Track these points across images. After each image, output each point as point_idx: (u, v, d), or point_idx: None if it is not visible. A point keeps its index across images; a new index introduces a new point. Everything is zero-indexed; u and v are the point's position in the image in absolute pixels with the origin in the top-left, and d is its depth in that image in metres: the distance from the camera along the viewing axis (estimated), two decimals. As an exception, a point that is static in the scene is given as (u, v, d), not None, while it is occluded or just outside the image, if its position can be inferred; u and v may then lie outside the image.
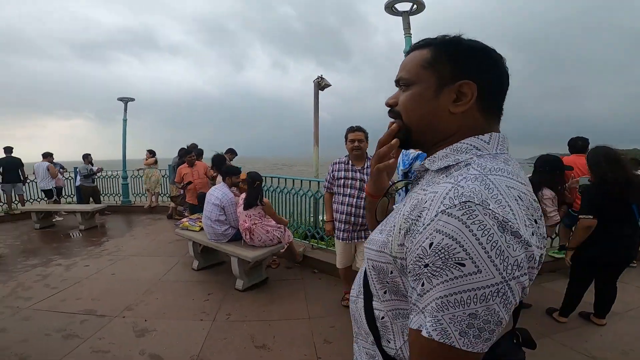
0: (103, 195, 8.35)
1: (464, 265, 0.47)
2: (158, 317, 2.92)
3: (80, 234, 5.80)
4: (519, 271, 0.49)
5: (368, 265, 0.68)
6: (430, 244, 0.50)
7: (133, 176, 8.44)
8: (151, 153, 7.81)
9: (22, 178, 7.14)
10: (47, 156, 7.33)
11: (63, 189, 7.87)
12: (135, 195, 8.45)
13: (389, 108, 0.71)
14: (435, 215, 0.51)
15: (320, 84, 5.93)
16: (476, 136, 0.62)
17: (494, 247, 0.47)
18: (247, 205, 3.44)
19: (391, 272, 0.62)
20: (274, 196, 5.22)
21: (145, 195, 8.12)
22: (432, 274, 0.50)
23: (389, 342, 0.67)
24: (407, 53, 0.71)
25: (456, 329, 0.48)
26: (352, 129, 2.76)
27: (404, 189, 0.92)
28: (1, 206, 7.16)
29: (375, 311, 0.69)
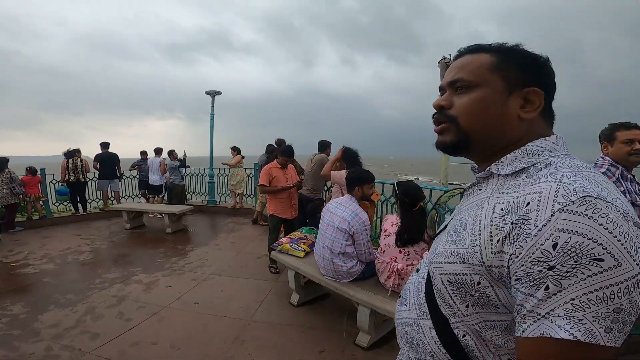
0: (189, 193, 8.09)
1: (602, 260, 0.45)
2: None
3: (166, 238, 5.31)
4: None
5: (441, 280, 0.63)
6: (555, 245, 0.47)
7: (219, 174, 7.98)
8: (236, 150, 7.11)
9: (118, 174, 7.11)
10: (159, 152, 7.07)
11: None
12: (220, 195, 7.99)
13: (435, 111, 0.68)
14: (552, 215, 0.48)
15: (449, 67, 4.49)
16: (543, 138, 0.61)
17: (627, 238, 0.46)
18: (408, 241, 2.21)
19: (478, 284, 0.57)
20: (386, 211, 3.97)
21: (229, 194, 7.57)
22: (562, 275, 0.46)
23: None
24: (455, 58, 0.69)
25: (601, 326, 0.45)
26: (627, 125, 1.88)
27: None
28: (97, 202, 7.21)
29: (455, 330, 0.63)
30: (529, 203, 0.51)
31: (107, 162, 6.85)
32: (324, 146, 4.51)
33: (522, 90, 0.60)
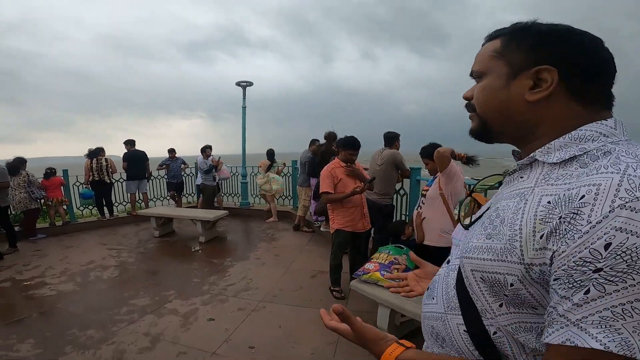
0: (220, 194, 7.43)
1: None
2: None
3: (200, 250, 4.62)
4: None
5: (473, 278, 0.56)
6: (607, 245, 0.39)
7: (252, 173, 7.26)
8: (267, 154, 6.22)
9: (147, 174, 6.51)
10: (205, 150, 6.30)
11: (184, 187, 7.11)
12: (254, 196, 7.26)
13: (466, 102, 0.65)
14: (610, 211, 0.40)
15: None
16: (598, 122, 0.50)
17: None
18: None
19: (511, 285, 0.49)
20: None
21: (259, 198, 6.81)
22: (608, 279, 0.40)
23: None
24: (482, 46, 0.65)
25: None
26: None
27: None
28: (124, 205, 6.64)
29: (487, 327, 0.55)
30: (583, 196, 0.43)
31: (135, 161, 6.25)
32: (391, 139, 3.65)
33: (530, 71, 0.53)
